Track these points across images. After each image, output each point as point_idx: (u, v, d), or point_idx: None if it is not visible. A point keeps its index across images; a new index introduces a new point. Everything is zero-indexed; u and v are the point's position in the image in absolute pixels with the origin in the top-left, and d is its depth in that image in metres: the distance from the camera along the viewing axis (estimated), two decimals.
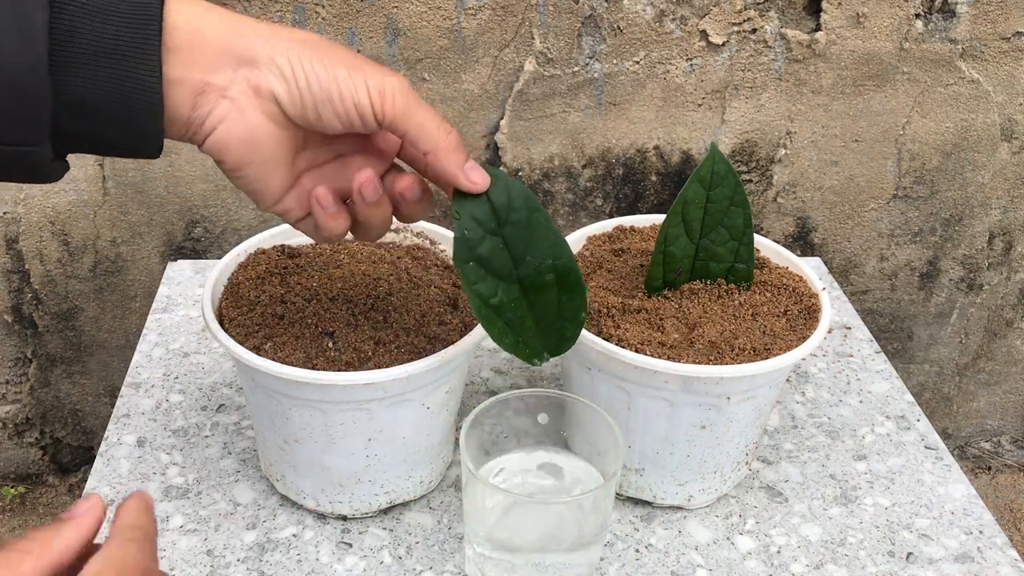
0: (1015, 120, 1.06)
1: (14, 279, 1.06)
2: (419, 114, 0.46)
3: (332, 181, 0.50)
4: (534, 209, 0.51)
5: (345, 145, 0.50)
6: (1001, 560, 0.62)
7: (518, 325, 0.53)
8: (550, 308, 0.53)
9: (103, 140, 0.43)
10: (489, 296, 0.51)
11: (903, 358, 1.24)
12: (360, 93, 0.45)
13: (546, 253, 0.51)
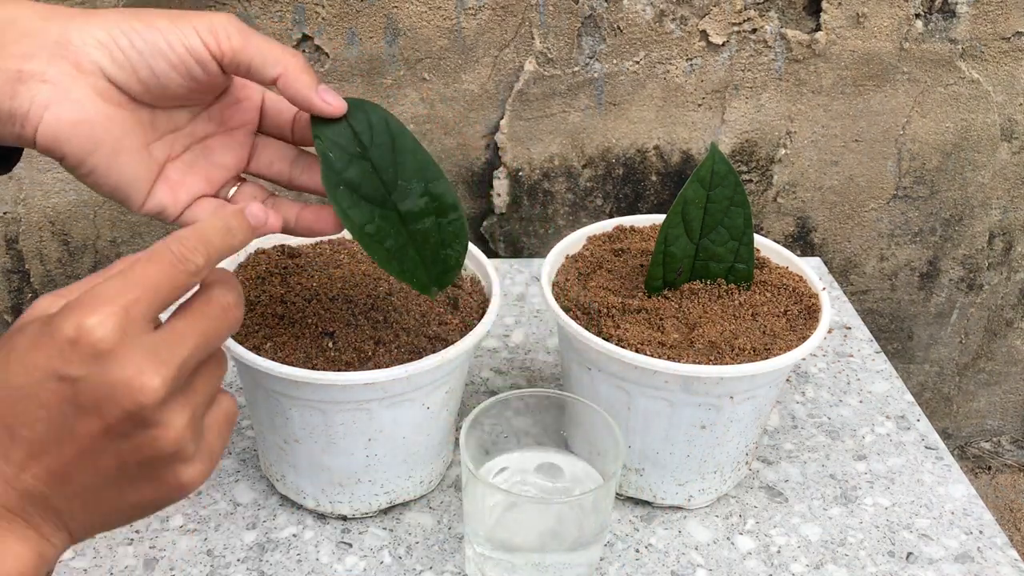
0: (1015, 120, 1.06)
1: (14, 279, 1.06)
2: (256, 40, 0.44)
3: (201, 171, 0.48)
4: (398, 133, 0.49)
5: (200, 125, 0.48)
6: (1001, 560, 0.62)
7: (401, 255, 0.50)
8: (431, 236, 0.51)
9: None
10: (364, 223, 0.49)
11: (903, 358, 1.24)
12: (190, 36, 0.43)
13: (416, 176, 0.50)
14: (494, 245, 1.09)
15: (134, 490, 0.37)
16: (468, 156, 1.03)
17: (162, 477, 0.37)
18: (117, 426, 0.35)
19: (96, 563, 0.59)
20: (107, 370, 0.34)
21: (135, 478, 0.37)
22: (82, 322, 0.34)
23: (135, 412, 0.34)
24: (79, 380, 0.34)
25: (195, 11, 0.44)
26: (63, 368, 0.34)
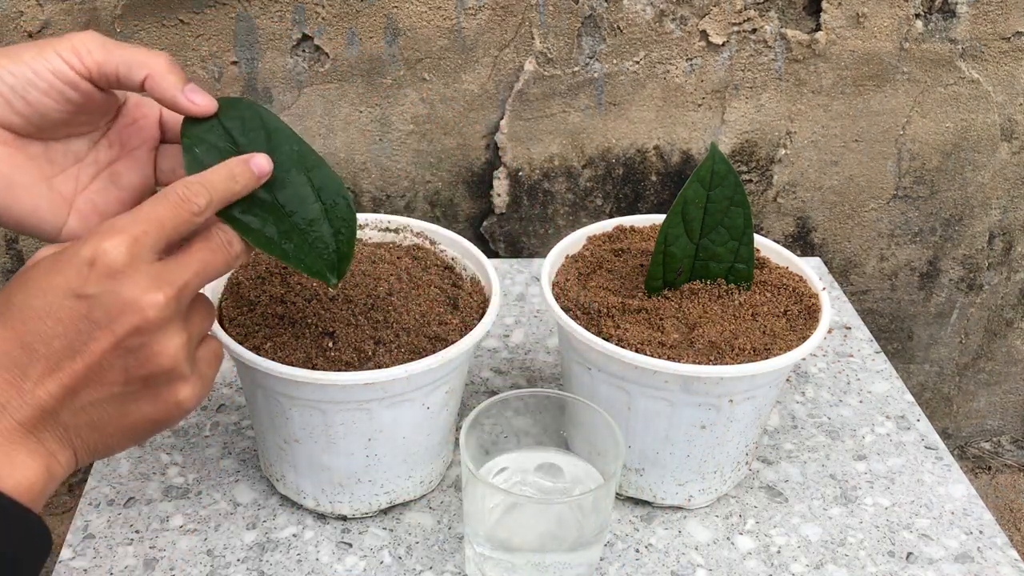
0: (1015, 120, 1.06)
1: None
2: (118, 50, 0.46)
3: (112, 196, 0.50)
4: (273, 128, 0.49)
5: (103, 152, 0.50)
6: (1001, 560, 0.62)
7: (287, 243, 0.48)
8: (317, 224, 0.49)
9: None
10: (241, 212, 0.46)
11: (903, 358, 1.24)
12: (53, 60, 0.44)
13: (296, 166, 0.49)
14: (494, 245, 1.09)
15: (136, 407, 0.41)
16: (468, 156, 1.03)
17: (161, 394, 0.41)
18: (125, 340, 0.39)
19: (96, 563, 0.59)
20: (119, 288, 0.38)
21: (137, 394, 0.40)
22: (99, 245, 0.38)
23: (141, 326, 0.39)
24: (94, 297, 0.38)
25: (59, 36, 0.46)
26: (81, 287, 0.38)
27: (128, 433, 0.41)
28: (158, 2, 0.90)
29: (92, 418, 0.40)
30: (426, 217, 1.06)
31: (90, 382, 0.39)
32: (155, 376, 0.40)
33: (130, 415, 0.41)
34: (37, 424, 0.38)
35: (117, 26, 0.91)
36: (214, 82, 0.95)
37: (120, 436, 0.41)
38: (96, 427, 0.40)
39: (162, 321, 0.39)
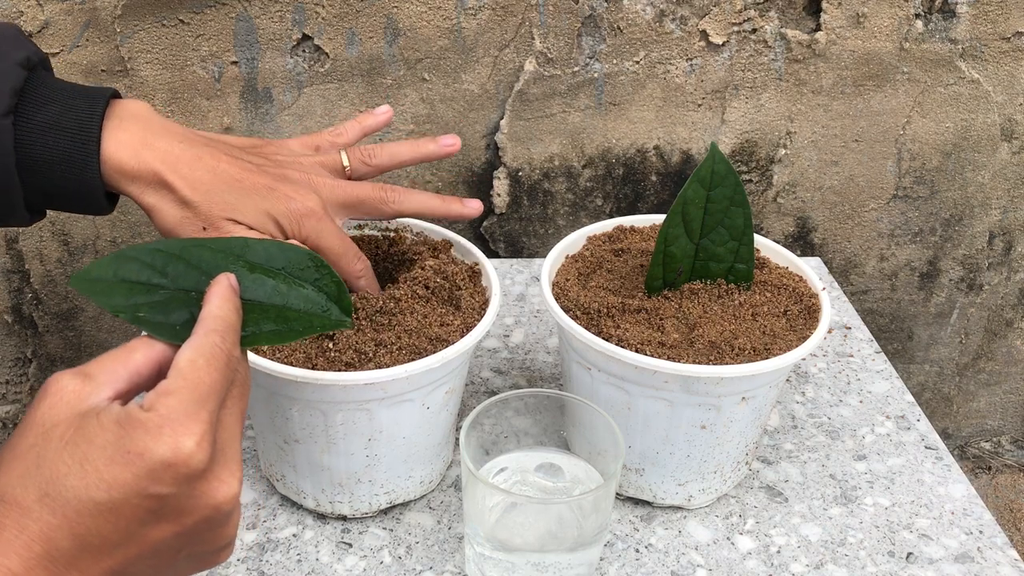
0: (1015, 120, 1.06)
1: (14, 279, 1.06)
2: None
3: None
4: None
5: None
6: (1001, 560, 0.62)
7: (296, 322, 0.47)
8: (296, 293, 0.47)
9: (64, 208, 0.56)
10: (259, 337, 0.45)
11: (903, 358, 1.24)
12: (268, 226, 0.56)
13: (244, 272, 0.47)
14: (494, 245, 1.09)
15: (182, 566, 0.39)
16: (468, 156, 1.03)
17: (208, 558, 0.40)
18: (191, 528, 0.37)
19: None
20: (198, 490, 0.37)
21: (186, 563, 0.39)
22: (179, 445, 0.36)
23: (213, 517, 0.38)
24: (168, 496, 0.36)
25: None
26: (153, 487, 0.35)
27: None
28: (158, 2, 0.90)
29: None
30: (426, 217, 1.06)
31: (139, 561, 0.37)
32: (208, 549, 0.39)
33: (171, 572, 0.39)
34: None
35: (117, 26, 0.91)
36: (214, 82, 0.95)
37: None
38: None
39: (233, 504, 0.38)
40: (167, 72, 0.94)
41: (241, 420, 0.41)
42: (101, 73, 0.93)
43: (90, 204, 0.55)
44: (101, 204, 0.55)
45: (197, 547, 0.38)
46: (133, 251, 0.44)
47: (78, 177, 0.53)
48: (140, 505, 0.35)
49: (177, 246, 0.45)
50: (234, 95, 0.96)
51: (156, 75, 0.94)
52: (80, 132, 0.53)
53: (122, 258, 0.44)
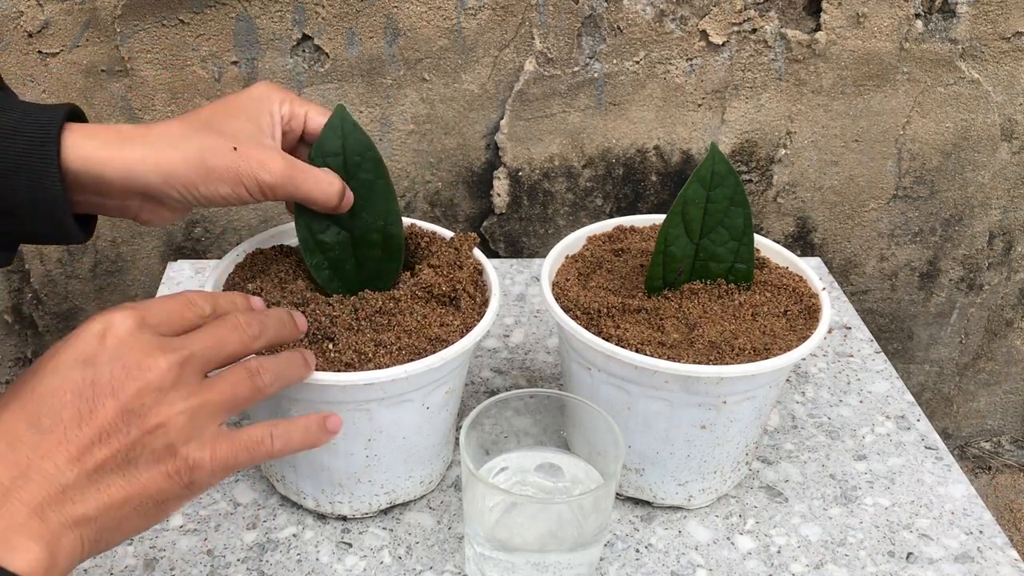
0: (1015, 120, 1.06)
1: (14, 279, 1.06)
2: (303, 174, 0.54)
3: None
4: (380, 176, 0.58)
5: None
6: (1001, 560, 0.62)
7: (338, 264, 0.61)
8: (372, 262, 0.61)
9: (33, 234, 0.51)
10: (319, 232, 0.58)
11: (903, 358, 1.24)
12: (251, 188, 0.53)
13: (379, 217, 0.59)
14: (494, 245, 1.09)
15: (145, 475, 0.40)
16: (468, 156, 1.03)
17: (168, 462, 0.40)
18: (129, 403, 0.39)
19: (96, 563, 0.59)
20: (124, 353, 0.40)
21: (145, 461, 0.40)
22: (109, 318, 0.41)
23: (143, 389, 0.39)
24: (100, 363, 0.39)
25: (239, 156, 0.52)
26: (89, 355, 0.39)
27: (138, 507, 0.40)
28: (158, 2, 0.90)
29: (101, 492, 0.39)
30: (426, 217, 1.06)
31: (96, 448, 0.38)
32: (159, 441, 0.40)
33: (138, 484, 0.40)
34: (42, 505, 0.37)
35: (117, 26, 0.91)
36: (214, 82, 0.95)
37: (131, 511, 0.40)
38: (105, 502, 0.39)
39: (165, 384, 0.40)
40: (167, 72, 0.94)
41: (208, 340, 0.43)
42: (101, 73, 0.93)
43: (57, 222, 0.50)
44: (68, 225, 0.50)
45: (143, 436, 0.39)
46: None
47: (37, 185, 0.48)
48: (81, 377, 0.39)
49: None
50: None
51: (156, 75, 0.94)
52: (38, 135, 0.48)
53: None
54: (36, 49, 0.91)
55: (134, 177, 0.50)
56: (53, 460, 0.38)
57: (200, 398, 0.41)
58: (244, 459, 0.43)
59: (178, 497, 0.41)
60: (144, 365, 0.40)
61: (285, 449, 0.45)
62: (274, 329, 0.48)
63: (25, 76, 0.92)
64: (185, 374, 0.41)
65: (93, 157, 0.49)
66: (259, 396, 0.45)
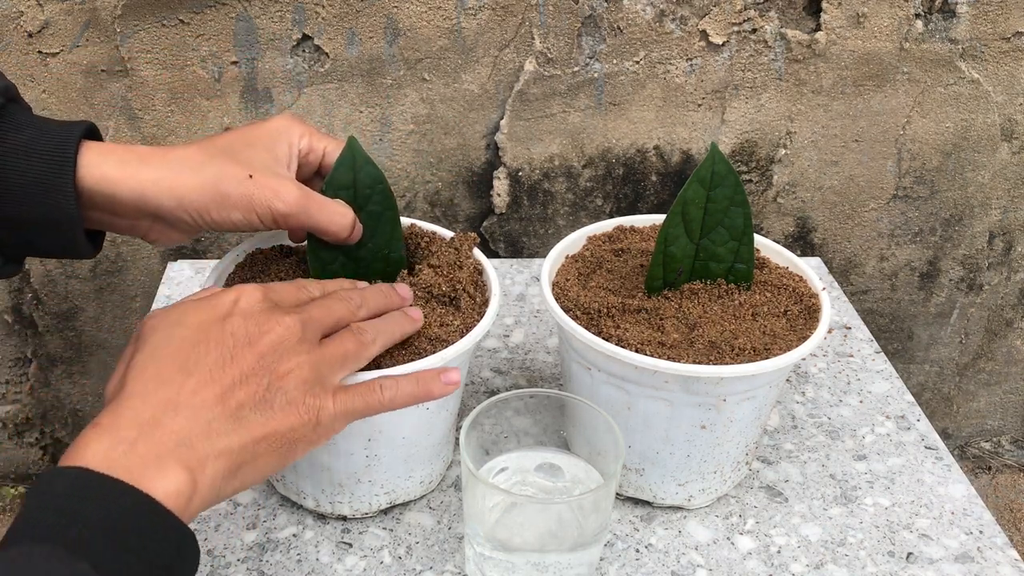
0: (1015, 120, 1.06)
1: (14, 279, 1.06)
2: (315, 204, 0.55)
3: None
4: (389, 207, 0.60)
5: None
6: (1001, 560, 0.62)
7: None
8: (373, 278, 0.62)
9: (43, 250, 0.54)
10: (329, 262, 0.59)
11: (903, 358, 1.24)
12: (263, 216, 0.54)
13: (384, 246, 0.61)
14: (494, 245, 1.09)
15: (280, 415, 0.45)
16: (468, 156, 1.03)
17: (299, 404, 0.45)
18: (265, 353, 0.45)
19: None
20: (258, 314, 0.46)
21: (279, 403, 0.45)
22: (241, 289, 0.48)
23: (277, 342, 0.45)
24: (238, 320, 0.45)
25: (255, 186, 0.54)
26: (227, 315, 0.46)
27: (274, 444, 0.44)
28: (158, 2, 0.90)
29: (242, 427, 0.43)
30: (426, 217, 1.06)
31: (237, 389, 0.43)
32: (290, 385, 0.45)
33: (274, 422, 0.44)
34: (190, 436, 0.42)
35: (117, 26, 0.91)
36: (214, 82, 0.95)
37: (267, 448, 0.44)
38: (246, 438, 0.43)
39: (291, 339, 0.46)
40: (167, 72, 0.94)
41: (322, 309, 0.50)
42: (101, 73, 0.93)
43: (68, 239, 0.51)
44: (79, 241, 0.52)
45: (277, 380, 0.45)
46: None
47: (52, 203, 0.49)
48: (221, 330, 0.45)
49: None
50: (234, 95, 0.96)
51: (156, 75, 0.94)
52: (55, 153, 0.49)
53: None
54: (36, 49, 0.91)
55: (147, 199, 0.51)
56: (200, 397, 0.43)
57: (319, 353, 0.47)
58: (360, 406, 0.48)
59: (306, 439, 0.46)
60: (273, 322, 0.46)
61: (395, 398, 0.50)
62: (375, 299, 0.54)
63: (25, 76, 0.92)
64: (306, 332, 0.47)
65: (108, 177, 0.51)
66: (365, 352, 0.50)
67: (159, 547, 0.38)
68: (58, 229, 0.51)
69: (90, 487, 0.38)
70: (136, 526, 0.38)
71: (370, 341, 0.51)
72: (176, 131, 0.97)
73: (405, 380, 0.51)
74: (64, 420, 1.19)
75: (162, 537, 0.38)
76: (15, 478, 1.24)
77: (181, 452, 0.41)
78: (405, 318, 0.55)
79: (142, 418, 0.41)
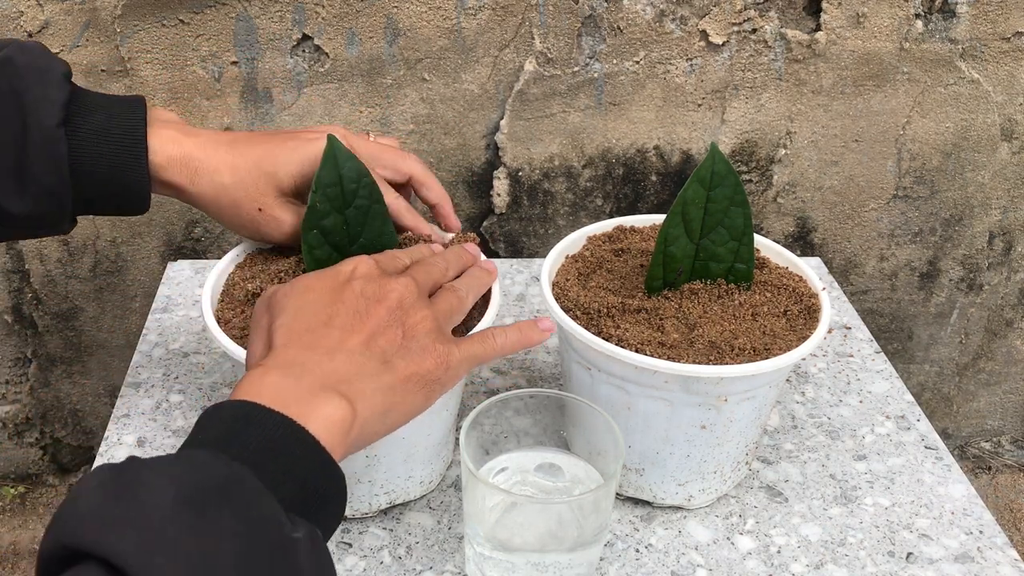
0: (1015, 120, 1.06)
1: (14, 279, 1.06)
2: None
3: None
4: (376, 200, 0.61)
5: None
6: (1001, 560, 0.62)
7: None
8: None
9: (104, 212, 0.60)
10: (323, 261, 0.60)
11: (903, 358, 1.24)
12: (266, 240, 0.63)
13: (375, 240, 0.62)
14: (494, 245, 1.09)
15: (419, 357, 0.48)
16: (468, 156, 1.03)
17: (433, 349, 0.49)
18: (395, 307, 0.49)
19: None
20: (377, 276, 0.51)
21: (416, 347, 0.49)
22: (356, 260, 0.52)
23: (403, 298, 0.50)
24: (363, 283, 0.50)
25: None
26: (349, 280, 0.50)
27: (418, 383, 0.48)
28: (158, 2, 0.90)
29: (390, 368, 0.47)
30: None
31: (379, 337, 0.48)
32: (420, 331, 0.49)
33: (415, 363, 0.48)
34: (349, 374, 0.45)
35: (117, 26, 0.91)
36: (214, 82, 0.95)
37: (413, 386, 0.48)
38: (395, 376, 0.47)
39: (411, 295, 0.50)
40: (167, 72, 0.94)
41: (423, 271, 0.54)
42: (101, 73, 0.93)
43: (134, 205, 0.59)
44: (145, 203, 0.59)
45: (411, 328, 0.49)
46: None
47: (127, 180, 0.57)
48: (350, 292, 0.49)
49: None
50: (234, 95, 0.96)
51: (156, 75, 0.94)
52: (127, 137, 0.57)
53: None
54: None
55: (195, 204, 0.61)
56: (350, 344, 0.47)
57: (433, 308, 0.51)
58: (479, 351, 0.52)
59: (440, 381, 0.49)
60: (393, 282, 0.50)
61: (506, 343, 0.53)
62: (456, 261, 0.58)
63: None
64: (420, 291, 0.51)
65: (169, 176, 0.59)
66: (463, 306, 0.55)
67: (310, 476, 0.41)
68: (128, 198, 0.58)
69: (254, 415, 0.41)
70: (291, 452, 0.41)
71: (465, 295, 0.55)
72: None
73: (511, 328, 0.54)
74: (64, 420, 1.19)
75: (312, 467, 0.41)
76: (15, 478, 1.24)
77: (342, 387, 0.45)
78: (482, 271, 0.59)
79: (303, 360, 0.45)
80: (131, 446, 0.69)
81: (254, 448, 0.40)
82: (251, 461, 0.39)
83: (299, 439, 0.41)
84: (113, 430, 0.70)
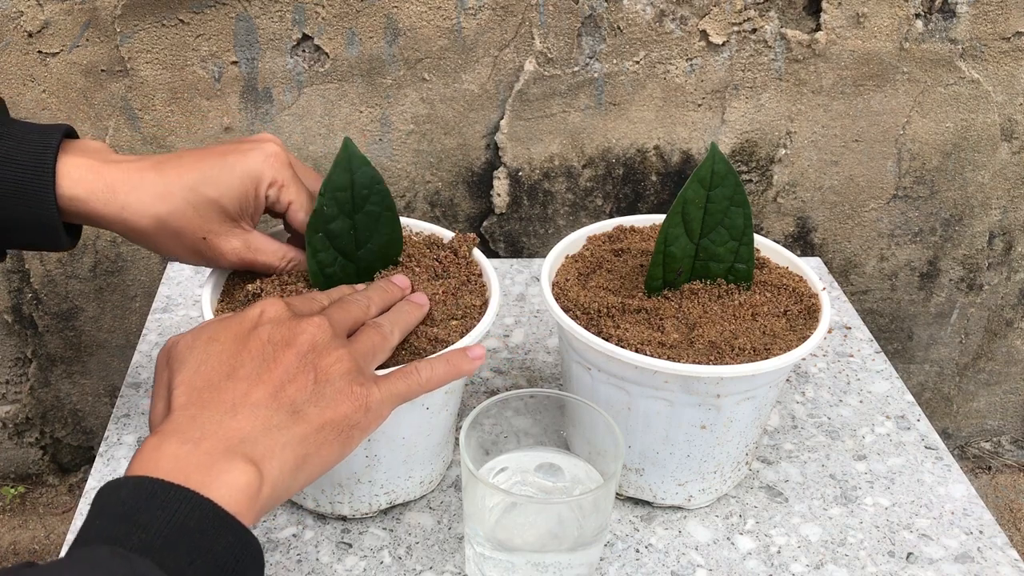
0: (1015, 120, 1.06)
1: (14, 279, 1.06)
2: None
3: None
4: (387, 207, 0.60)
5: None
6: (1001, 560, 0.62)
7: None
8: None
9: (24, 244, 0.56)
10: (327, 265, 0.60)
11: (903, 358, 1.24)
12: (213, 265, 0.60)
13: (383, 247, 0.61)
14: (494, 245, 1.09)
15: (333, 403, 0.46)
16: (468, 156, 1.03)
17: (349, 392, 0.46)
18: (305, 352, 0.46)
19: None
20: (287, 320, 0.48)
21: (330, 392, 0.46)
22: (263, 304, 0.49)
23: (313, 341, 0.47)
24: (271, 328, 0.47)
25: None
26: (256, 326, 0.47)
27: (332, 432, 0.45)
28: (158, 2, 0.90)
29: (299, 420, 0.44)
30: (426, 217, 1.06)
31: (288, 386, 0.45)
32: (335, 374, 0.47)
33: (329, 410, 0.45)
34: (252, 433, 0.43)
35: (117, 26, 0.91)
36: (214, 82, 0.95)
37: (326, 436, 0.45)
38: (305, 429, 0.44)
39: (324, 335, 0.48)
40: (167, 72, 0.94)
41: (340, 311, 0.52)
42: (101, 73, 0.93)
43: (49, 238, 0.55)
44: (60, 238, 0.56)
45: (323, 371, 0.46)
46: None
47: (34, 209, 0.54)
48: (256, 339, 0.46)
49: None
50: (234, 95, 0.96)
51: (156, 75, 0.94)
52: (35, 164, 0.53)
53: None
54: (36, 49, 0.91)
55: (115, 228, 0.56)
56: (254, 398, 0.44)
57: (350, 347, 0.49)
58: (402, 388, 0.49)
59: (360, 425, 0.47)
60: (304, 323, 0.48)
61: (433, 377, 0.51)
62: (379, 296, 0.56)
63: (25, 76, 0.92)
64: (336, 330, 0.49)
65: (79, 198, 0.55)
66: (387, 343, 0.52)
67: (222, 551, 0.39)
68: (39, 229, 0.55)
69: (153, 494, 0.39)
70: (199, 529, 0.38)
71: (389, 332, 0.53)
72: (176, 131, 0.97)
73: (437, 361, 0.52)
74: (64, 420, 1.19)
75: (225, 541, 0.39)
76: (15, 478, 1.24)
77: (246, 447, 0.42)
78: (411, 305, 0.57)
79: (203, 421, 0.42)
80: (131, 446, 0.69)
81: (158, 531, 0.37)
82: (157, 547, 0.37)
83: (205, 513, 0.39)
84: (113, 430, 0.70)
